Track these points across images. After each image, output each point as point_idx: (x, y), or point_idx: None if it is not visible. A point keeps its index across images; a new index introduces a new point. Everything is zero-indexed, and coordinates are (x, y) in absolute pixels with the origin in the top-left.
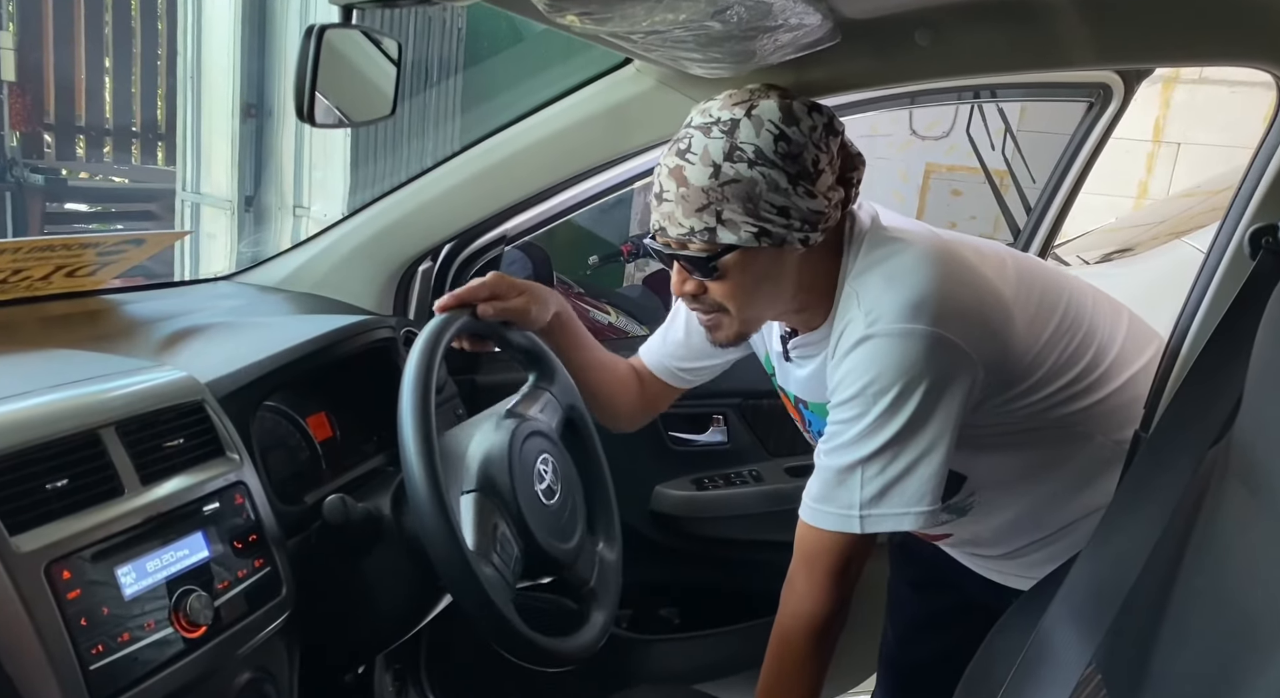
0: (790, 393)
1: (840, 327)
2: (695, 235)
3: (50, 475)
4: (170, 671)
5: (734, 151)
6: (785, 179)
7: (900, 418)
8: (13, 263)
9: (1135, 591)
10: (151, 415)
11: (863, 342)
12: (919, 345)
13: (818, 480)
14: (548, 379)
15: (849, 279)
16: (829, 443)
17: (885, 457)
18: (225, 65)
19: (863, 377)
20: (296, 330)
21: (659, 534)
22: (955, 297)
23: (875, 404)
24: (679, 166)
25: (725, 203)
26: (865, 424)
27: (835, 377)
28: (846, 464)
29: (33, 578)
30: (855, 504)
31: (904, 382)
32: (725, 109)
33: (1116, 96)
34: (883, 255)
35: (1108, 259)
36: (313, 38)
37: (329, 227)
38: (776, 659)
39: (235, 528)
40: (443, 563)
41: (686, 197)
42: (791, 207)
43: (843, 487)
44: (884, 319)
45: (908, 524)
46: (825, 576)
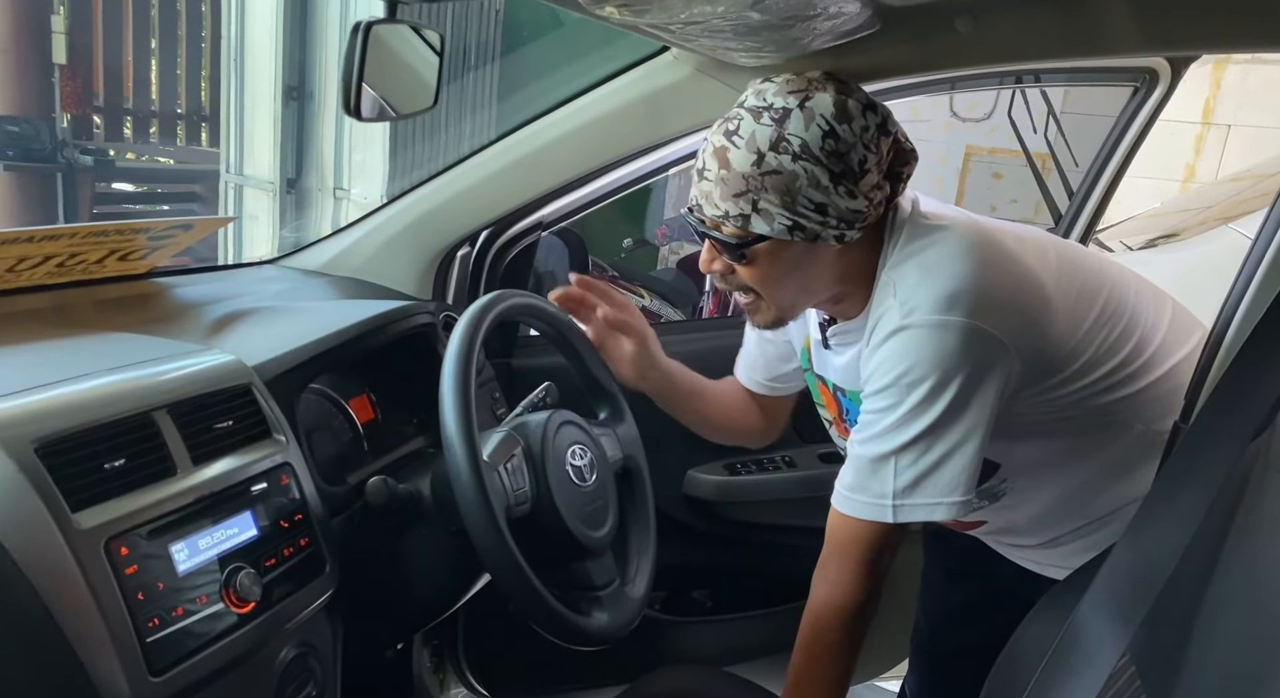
0: (829, 381)
1: (876, 316)
2: (729, 219)
3: (108, 455)
4: (221, 644)
5: (780, 142)
6: (827, 177)
7: (935, 410)
8: (69, 247)
9: (1172, 582)
10: (202, 398)
11: (897, 332)
12: (954, 337)
13: (851, 469)
14: (615, 420)
15: (886, 269)
16: (862, 432)
17: (919, 447)
18: (268, 48)
19: (896, 367)
20: (340, 315)
21: (692, 518)
22: (992, 287)
23: (909, 395)
24: (724, 148)
25: (763, 192)
26: (899, 415)
27: (869, 366)
28: (880, 454)
29: (93, 553)
30: (888, 494)
31: (939, 374)
32: (780, 96)
33: (1163, 81)
34: (920, 246)
35: (1152, 245)
36: (359, 34)
37: (371, 212)
38: (807, 646)
39: (282, 508)
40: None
41: (726, 179)
42: (830, 204)
43: (875, 476)
44: (919, 310)
45: (940, 514)
46: (857, 564)
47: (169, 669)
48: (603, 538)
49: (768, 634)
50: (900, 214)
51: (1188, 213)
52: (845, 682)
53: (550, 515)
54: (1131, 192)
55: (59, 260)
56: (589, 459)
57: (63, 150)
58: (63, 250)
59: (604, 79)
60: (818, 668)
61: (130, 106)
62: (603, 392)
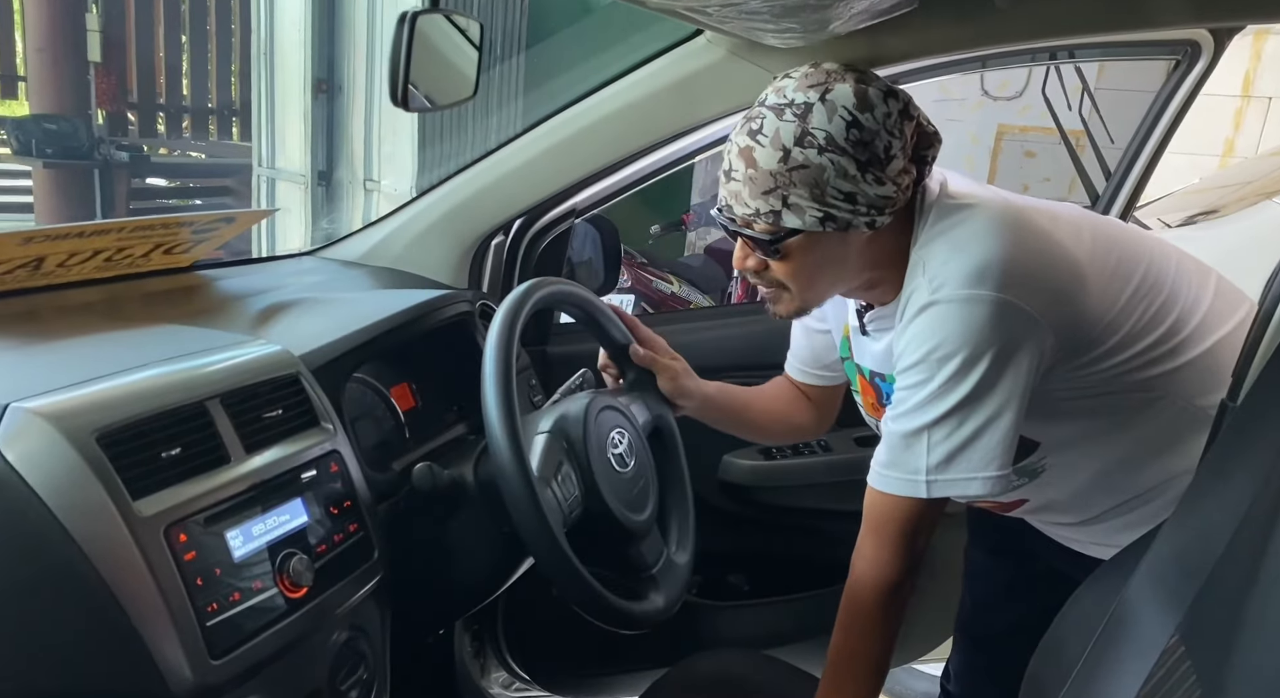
0: (865, 368)
1: (906, 295)
2: (760, 217)
3: (165, 444)
4: (277, 629)
5: (805, 137)
6: (855, 166)
7: (966, 384)
8: (117, 241)
9: (1222, 563)
10: (252, 388)
11: (927, 308)
12: (983, 311)
13: (885, 446)
14: (641, 382)
15: (915, 248)
16: (895, 409)
17: (952, 422)
18: (296, 41)
19: (926, 343)
20: (380, 305)
21: (728, 503)
22: (1022, 262)
23: (940, 370)
24: (749, 147)
25: (792, 188)
26: (930, 389)
27: (900, 344)
28: (913, 429)
29: (154, 540)
30: (922, 469)
31: (969, 348)
32: (800, 91)
33: (1205, 54)
34: (949, 224)
35: (1191, 222)
36: (405, 24)
37: (405, 204)
38: (846, 625)
39: (331, 495)
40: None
41: (754, 178)
42: (859, 193)
43: (909, 452)
44: (948, 285)
45: (975, 489)
46: (893, 541)
47: (229, 653)
48: (648, 519)
49: (806, 618)
50: (928, 195)
51: (1227, 189)
52: (884, 662)
53: (602, 515)
54: (1169, 168)
55: (107, 255)
56: (627, 442)
57: (99, 147)
58: (111, 245)
59: (637, 65)
60: (857, 647)
61: (163, 102)
62: (628, 357)
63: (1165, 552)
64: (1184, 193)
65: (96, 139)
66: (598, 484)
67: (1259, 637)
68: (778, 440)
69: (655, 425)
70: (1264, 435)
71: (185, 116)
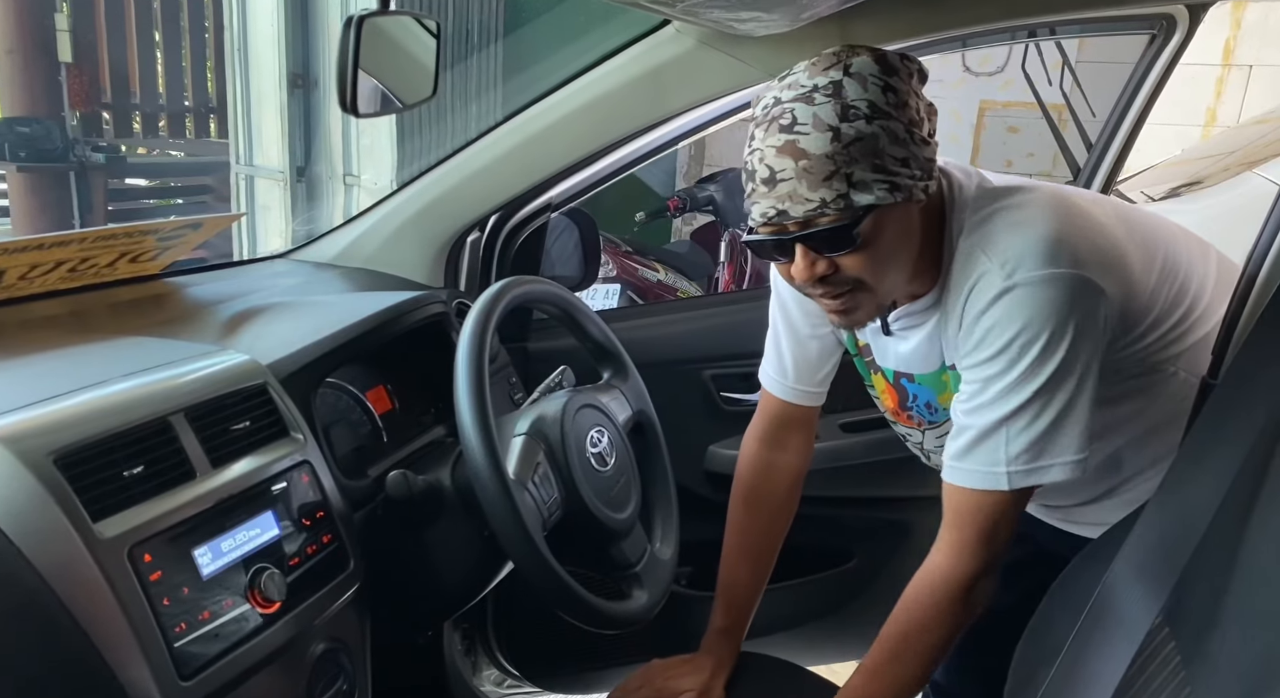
0: (888, 370)
1: (966, 284)
2: (827, 207)
3: (127, 463)
4: (249, 645)
5: (848, 111)
6: (903, 129)
7: (1048, 367)
8: (79, 252)
9: (1204, 543)
10: (218, 401)
11: (1005, 293)
12: (1065, 289)
13: (960, 440)
14: (620, 378)
15: (964, 235)
16: (970, 402)
17: (1032, 409)
18: (271, 37)
19: (1009, 329)
20: (353, 309)
21: (714, 493)
22: (1085, 238)
23: (1023, 357)
24: (790, 141)
25: (853, 164)
26: (1011, 378)
27: (974, 335)
28: (992, 422)
29: (117, 562)
30: (1001, 461)
31: (1051, 329)
32: (817, 75)
33: (1181, 27)
34: (1002, 207)
35: (1174, 194)
36: (351, 28)
37: (378, 202)
38: (907, 610)
39: (303, 506)
40: (483, 489)
41: (810, 168)
42: (912, 156)
43: (987, 444)
44: (1024, 267)
45: (1055, 476)
46: (971, 536)
47: (198, 673)
48: (629, 517)
49: (795, 606)
50: (957, 182)
51: (1210, 159)
52: (937, 657)
53: (582, 514)
54: (1152, 139)
55: (70, 265)
56: (607, 440)
57: (74, 149)
58: (73, 255)
59: (605, 57)
60: (911, 636)
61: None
62: (605, 353)
63: (1148, 534)
64: (1166, 165)
65: (71, 141)
66: (577, 485)
67: (1241, 617)
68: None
69: (636, 421)
70: (1243, 414)
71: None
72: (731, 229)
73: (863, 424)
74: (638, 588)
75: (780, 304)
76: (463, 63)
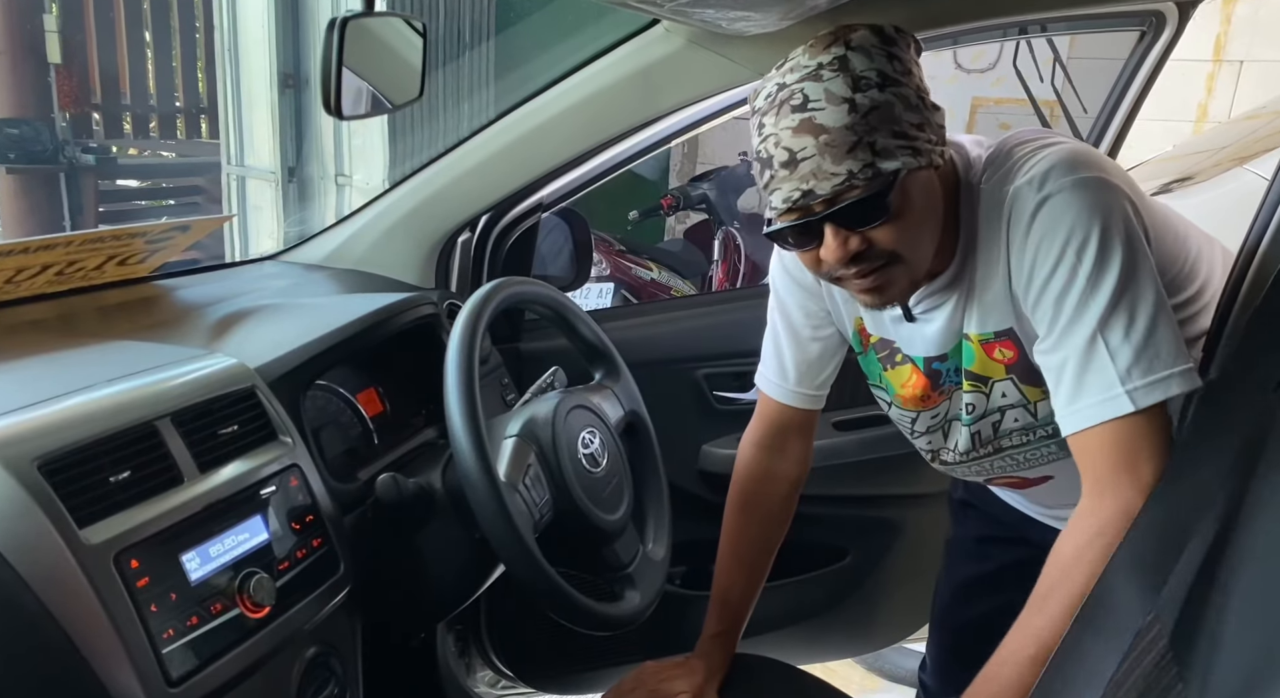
0: (918, 358)
1: (1002, 215)
2: (855, 178)
3: (113, 468)
4: (239, 650)
5: (859, 82)
6: (913, 95)
7: (1113, 263)
8: (66, 255)
9: (1197, 540)
10: (205, 405)
11: (1042, 204)
12: (1099, 189)
13: (1063, 380)
14: (612, 378)
15: (984, 182)
16: (1053, 330)
17: (1122, 312)
18: (261, 37)
19: (1058, 235)
20: (342, 311)
21: (708, 493)
22: (1111, 163)
23: (1083, 258)
24: (806, 119)
25: (874, 132)
26: (1081, 284)
27: (1026, 256)
28: (1085, 339)
29: (103, 569)
30: (1115, 381)
31: (1100, 225)
32: (819, 54)
33: (1170, 23)
34: (1019, 151)
35: (1166, 189)
36: (335, 30)
37: (368, 203)
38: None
39: (292, 510)
40: (474, 491)
41: (831, 142)
42: (925, 121)
43: (1092, 369)
44: (1052, 176)
45: (1176, 387)
46: (1106, 472)
47: (186, 679)
48: (621, 518)
49: (788, 605)
50: (972, 152)
51: (1201, 155)
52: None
53: (574, 515)
54: (1143, 135)
55: (57, 269)
56: (599, 441)
57: (64, 150)
58: (60, 259)
59: (595, 56)
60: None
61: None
62: (596, 353)
63: (1141, 531)
64: (1158, 160)
65: (61, 142)
66: (568, 486)
67: (1234, 615)
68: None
69: (628, 422)
70: (1234, 410)
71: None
72: (725, 227)
73: (856, 422)
74: (630, 589)
75: (780, 306)
76: (454, 62)
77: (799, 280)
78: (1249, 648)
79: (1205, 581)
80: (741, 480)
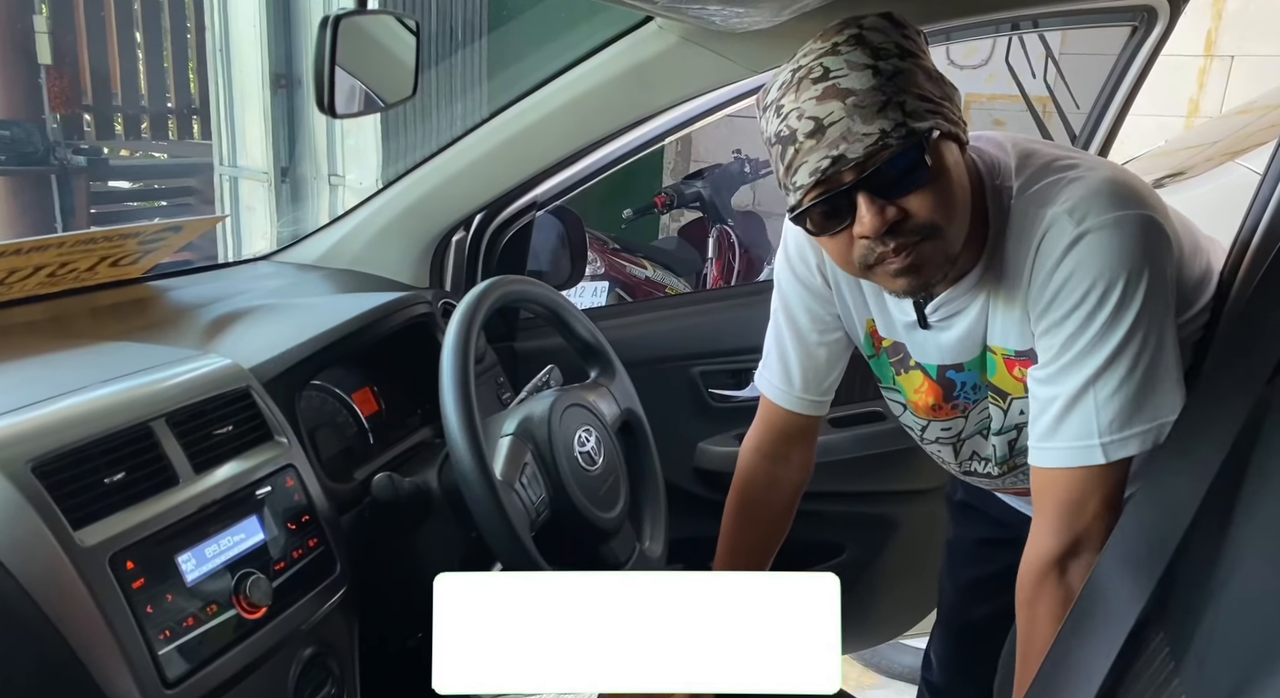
0: (930, 367)
1: (1033, 240)
2: (889, 136)
3: (107, 470)
4: (235, 651)
5: (879, 51)
6: (933, 69)
7: (1127, 315)
8: (59, 256)
9: (1189, 536)
10: (200, 405)
11: (1078, 240)
12: (1138, 229)
13: (1045, 417)
14: (608, 376)
15: (1016, 196)
16: (1050, 367)
17: (1120, 366)
18: (253, 37)
19: (1085, 278)
20: (336, 311)
21: (705, 490)
22: (1145, 185)
23: (1102, 307)
24: (830, 86)
25: (901, 92)
26: (1092, 333)
27: (1049, 289)
28: (1078, 387)
29: (98, 570)
30: (1093, 431)
31: (1127, 272)
32: (832, 38)
33: (1162, 18)
34: (1052, 165)
35: (1159, 185)
36: (328, 28)
37: (361, 202)
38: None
39: (288, 510)
40: (470, 491)
41: (860, 103)
42: (944, 96)
43: (1075, 415)
44: (1094, 212)
45: (1151, 441)
46: (1052, 514)
47: (183, 680)
48: (618, 516)
49: None
50: (996, 155)
51: (1193, 150)
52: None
53: (570, 514)
54: (1135, 130)
55: (49, 270)
56: (595, 440)
57: (55, 151)
58: (52, 260)
59: (588, 54)
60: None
61: (120, 103)
62: (592, 352)
63: (1133, 528)
64: (1151, 156)
65: (52, 143)
66: (565, 484)
67: (1228, 609)
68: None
69: (624, 420)
70: (1226, 404)
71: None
72: (719, 225)
73: (852, 419)
74: None
75: (786, 309)
76: (447, 61)
77: (806, 283)
78: (1245, 642)
79: (1200, 576)
80: (743, 486)
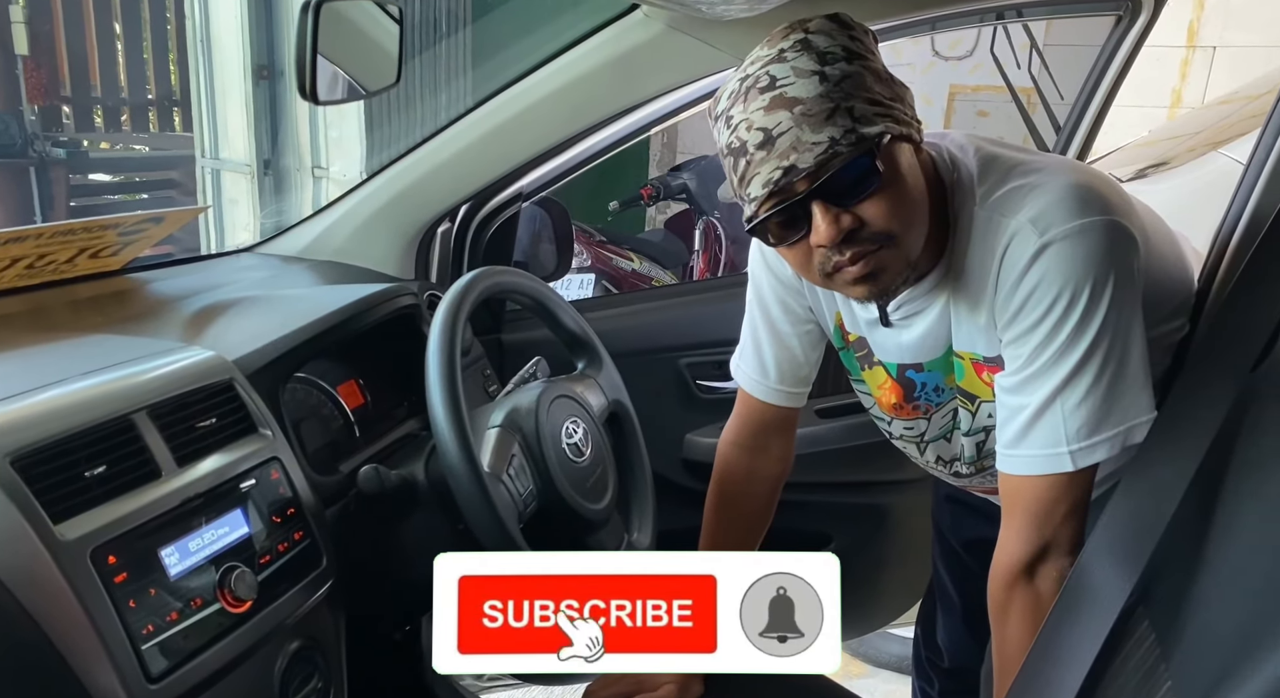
0: (890, 365)
1: (996, 250)
2: (838, 144)
3: (88, 463)
4: (220, 645)
5: (825, 56)
6: (882, 70)
7: (1093, 324)
8: (37, 248)
9: (1175, 521)
10: (182, 397)
11: (1042, 251)
12: (1102, 237)
13: (1013, 425)
14: (595, 368)
15: (980, 203)
16: (1017, 377)
17: (1086, 375)
18: (234, 27)
19: (1051, 289)
20: (321, 302)
21: (692, 482)
22: (1109, 186)
23: (1068, 317)
24: (777, 96)
25: (849, 98)
26: (1059, 343)
27: (1014, 301)
28: (1045, 396)
29: (79, 565)
30: (1061, 439)
31: (1092, 281)
32: (778, 44)
33: (1146, 9)
34: (1014, 170)
35: (1141, 175)
36: (309, 14)
37: (346, 193)
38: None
39: (273, 503)
40: (458, 483)
41: (808, 111)
42: (895, 96)
43: (1043, 423)
44: (1057, 221)
45: (1119, 446)
46: (1021, 519)
47: (167, 675)
48: (606, 507)
49: None
50: (957, 155)
51: (1176, 140)
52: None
53: (558, 506)
54: (1121, 121)
55: (27, 262)
56: (582, 431)
57: (33, 144)
58: (30, 252)
59: (573, 42)
60: (995, 630)
61: (99, 95)
62: (579, 343)
63: (1119, 516)
64: (1134, 146)
65: (30, 136)
66: (552, 476)
67: (1213, 594)
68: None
69: (612, 411)
70: (1211, 392)
71: (123, 109)
72: (706, 217)
73: (839, 409)
74: None
75: (760, 301)
76: (431, 49)
77: (779, 275)
78: (1231, 627)
79: (1186, 562)
80: (722, 481)
